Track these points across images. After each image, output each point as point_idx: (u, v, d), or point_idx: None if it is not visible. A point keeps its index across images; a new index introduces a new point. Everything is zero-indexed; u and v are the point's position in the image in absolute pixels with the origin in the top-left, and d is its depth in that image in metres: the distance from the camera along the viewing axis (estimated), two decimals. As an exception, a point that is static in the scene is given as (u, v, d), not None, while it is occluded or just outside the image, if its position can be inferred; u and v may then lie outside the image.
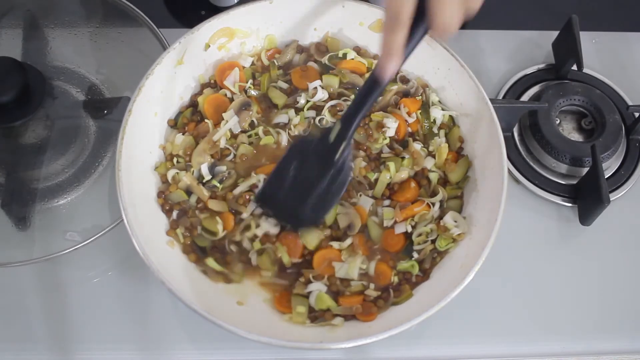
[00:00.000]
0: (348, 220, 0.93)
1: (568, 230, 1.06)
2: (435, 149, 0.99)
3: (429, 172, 0.97)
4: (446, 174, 0.98)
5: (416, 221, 0.94)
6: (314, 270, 0.91)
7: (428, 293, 0.89)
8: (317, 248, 0.92)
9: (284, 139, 0.99)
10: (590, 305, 1.00)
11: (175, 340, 0.95)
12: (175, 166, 0.97)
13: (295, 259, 0.92)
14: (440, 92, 1.03)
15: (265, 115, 1.02)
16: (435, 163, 0.98)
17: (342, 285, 0.91)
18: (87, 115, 1.09)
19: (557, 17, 1.18)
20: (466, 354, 0.97)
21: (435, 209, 0.95)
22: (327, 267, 0.91)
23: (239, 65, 1.03)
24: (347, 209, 0.94)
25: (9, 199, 1.01)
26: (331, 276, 0.91)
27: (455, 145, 1.00)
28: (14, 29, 1.13)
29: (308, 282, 0.91)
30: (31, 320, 0.95)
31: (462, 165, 0.98)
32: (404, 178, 0.96)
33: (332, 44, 1.07)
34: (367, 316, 0.88)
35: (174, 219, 0.94)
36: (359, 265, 0.90)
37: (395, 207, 0.95)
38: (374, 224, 0.95)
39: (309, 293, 0.90)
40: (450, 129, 1.01)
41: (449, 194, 0.97)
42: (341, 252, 0.92)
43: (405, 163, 0.97)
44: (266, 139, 0.98)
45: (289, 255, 0.91)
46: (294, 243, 0.92)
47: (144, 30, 1.09)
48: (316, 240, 0.92)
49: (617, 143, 1.09)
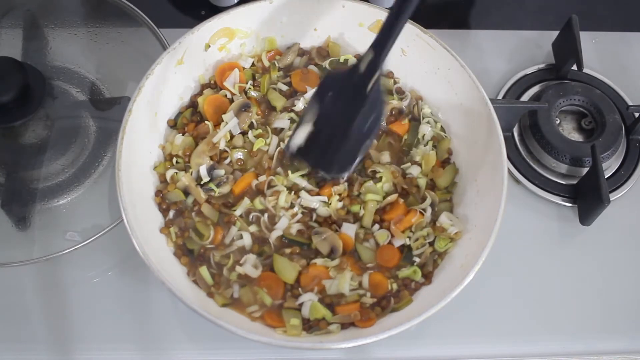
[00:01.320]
0: (329, 245, 0.91)
1: (568, 230, 1.06)
2: (421, 157, 0.99)
3: (417, 179, 0.97)
4: (434, 180, 0.98)
5: (413, 231, 0.94)
6: (303, 288, 0.90)
7: (428, 293, 0.89)
8: (297, 277, 0.90)
9: (274, 143, 0.98)
10: (591, 305, 1.00)
11: (175, 340, 0.95)
12: (174, 166, 0.97)
13: (278, 300, 0.89)
14: (439, 93, 1.03)
15: (265, 117, 1.02)
16: (422, 170, 0.98)
17: (335, 298, 0.89)
18: (87, 115, 1.09)
19: (557, 17, 1.18)
20: (466, 354, 0.97)
21: (428, 214, 0.94)
22: (317, 284, 0.90)
23: (239, 66, 1.03)
24: (323, 234, 0.92)
25: (9, 199, 1.01)
26: (322, 289, 0.90)
27: (443, 156, 1.00)
28: (14, 29, 1.13)
29: (298, 295, 0.89)
30: (31, 320, 0.95)
31: (450, 171, 0.99)
32: (392, 200, 0.95)
33: (333, 49, 1.07)
34: (365, 322, 0.87)
35: (169, 218, 0.94)
36: (348, 280, 0.89)
37: (387, 228, 0.94)
38: (366, 249, 0.93)
39: (301, 305, 0.88)
40: (440, 141, 1.01)
41: (439, 198, 0.96)
42: (328, 269, 0.91)
43: (384, 179, 0.96)
44: (258, 142, 0.98)
45: (270, 296, 0.88)
46: (275, 282, 0.89)
47: (144, 30, 1.09)
48: (294, 273, 0.89)
49: (617, 143, 1.09)
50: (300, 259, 0.91)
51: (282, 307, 0.88)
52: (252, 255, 0.91)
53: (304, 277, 0.90)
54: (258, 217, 0.94)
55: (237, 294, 0.89)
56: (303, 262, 0.91)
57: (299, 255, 0.92)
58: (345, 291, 0.89)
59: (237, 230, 0.93)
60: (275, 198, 0.94)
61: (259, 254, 0.92)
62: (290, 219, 0.93)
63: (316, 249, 0.92)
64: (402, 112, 1.02)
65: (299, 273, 0.90)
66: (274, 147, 0.98)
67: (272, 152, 0.98)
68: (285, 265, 0.90)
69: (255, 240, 0.93)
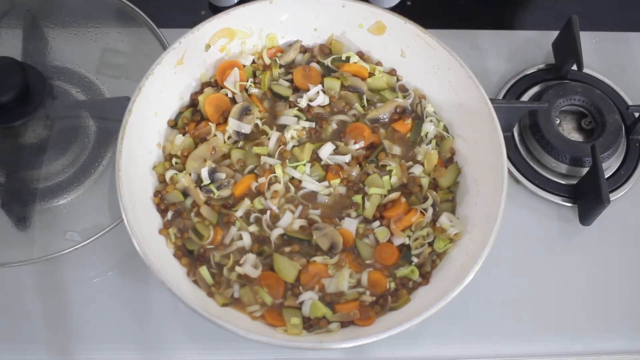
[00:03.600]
0: (329, 241, 0.91)
1: (568, 230, 1.06)
2: (423, 157, 0.99)
3: (420, 178, 0.97)
4: (436, 180, 0.98)
5: (413, 230, 0.94)
6: (303, 286, 0.90)
7: (428, 293, 0.89)
8: (297, 276, 0.90)
9: (273, 140, 0.98)
10: (591, 305, 1.00)
11: (175, 340, 0.95)
12: (173, 167, 0.97)
13: (278, 299, 0.89)
14: (440, 93, 1.03)
15: (270, 112, 1.01)
16: (425, 170, 0.98)
17: (335, 296, 0.89)
18: (87, 115, 1.09)
19: (557, 17, 1.18)
20: (466, 354, 0.97)
21: (429, 214, 0.94)
22: (316, 282, 0.90)
23: (239, 64, 1.03)
24: (324, 230, 0.92)
25: (9, 199, 1.01)
26: (322, 288, 0.90)
27: (446, 155, 1.00)
28: (14, 29, 1.13)
29: (298, 293, 0.89)
30: (31, 320, 0.95)
31: (452, 171, 0.98)
32: (394, 197, 0.95)
33: (335, 47, 1.07)
34: (365, 321, 0.87)
35: (168, 219, 0.94)
36: (347, 278, 0.89)
37: (387, 226, 0.94)
38: (365, 245, 0.93)
39: (301, 303, 0.88)
40: (443, 140, 1.01)
41: (441, 198, 0.96)
42: (327, 266, 0.91)
43: (395, 172, 0.96)
44: (256, 149, 0.98)
45: (270, 296, 0.88)
46: (275, 282, 0.89)
47: (144, 30, 1.09)
48: (294, 272, 0.89)
49: (617, 143, 1.09)
50: (300, 258, 0.91)
51: (282, 306, 0.88)
52: (252, 254, 0.91)
53: (304, 276, 0.90)
54: (258, 217, 0.94)
55: (238, 294, 0.89)
56: (303, 261, 0.91)
57: (299, 254, 0.92)
58: (344, 289, 0.89)
59: (236, 231, 0.93)
60: (276, 199, 0.94)
61: (258, 254, 0.92)
62: (293, 214, 0.93)
63: (316, 246, 0.92)
64: (406, 111, 1.02)
65: (299, 272, 0.90)
66: (274, 142, 0.98)
67: (272, 147, 0.98)
68: (285, 264, 0.90)
69: (255, 240, 0.93)
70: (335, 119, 1.01)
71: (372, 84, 1.04)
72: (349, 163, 0.98)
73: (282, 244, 0.92)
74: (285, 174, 0.95)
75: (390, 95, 1.04)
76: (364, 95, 1.03)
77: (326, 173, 0.97)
